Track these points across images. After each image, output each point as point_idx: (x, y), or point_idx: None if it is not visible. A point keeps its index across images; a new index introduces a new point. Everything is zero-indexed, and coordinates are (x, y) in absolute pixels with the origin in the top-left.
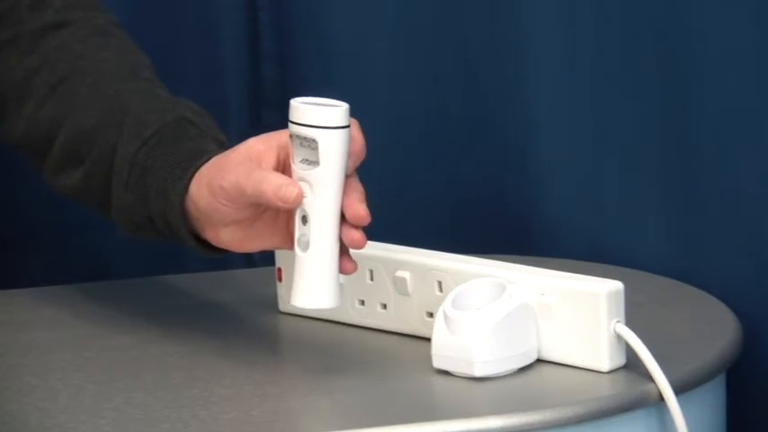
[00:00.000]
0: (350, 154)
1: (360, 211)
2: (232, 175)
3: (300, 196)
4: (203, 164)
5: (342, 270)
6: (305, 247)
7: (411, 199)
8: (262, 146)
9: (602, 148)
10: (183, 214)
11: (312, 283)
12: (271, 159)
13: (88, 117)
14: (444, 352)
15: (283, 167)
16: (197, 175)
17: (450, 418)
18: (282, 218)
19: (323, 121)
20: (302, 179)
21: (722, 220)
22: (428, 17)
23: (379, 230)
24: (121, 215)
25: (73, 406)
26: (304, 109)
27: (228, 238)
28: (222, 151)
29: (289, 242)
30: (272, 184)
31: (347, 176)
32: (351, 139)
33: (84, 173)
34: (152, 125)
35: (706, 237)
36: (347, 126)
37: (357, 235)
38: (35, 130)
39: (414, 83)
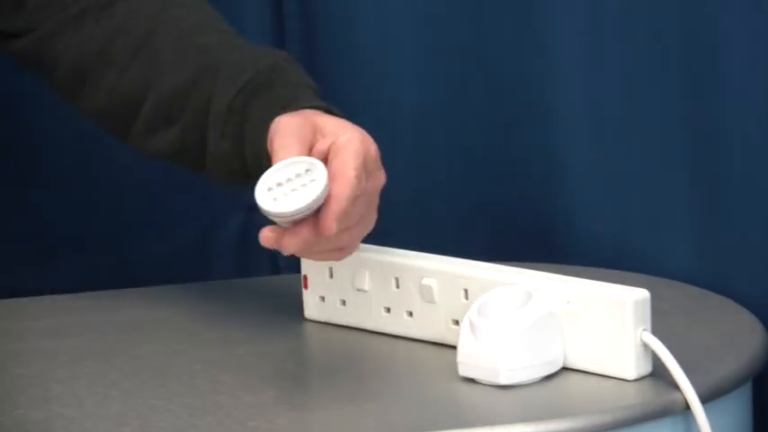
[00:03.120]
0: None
1: (326, 222)
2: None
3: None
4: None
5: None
6: None
7: (435, 206)
8: (307, 132)
9: (628, 154)
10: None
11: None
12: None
13: (177, 76)
14: (470, 360)
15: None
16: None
17: (476, 426)
18: None
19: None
20: None
21: (749, 228)
22: (453, 27)
23: (403, 238)
24: (217, 164)
25: (98, 413)
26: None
27: None
28: (316, 99)
29: None
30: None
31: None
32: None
33: (180, 130)
34: (246, 73)
35: (732, 245)
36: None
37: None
38: (118, 97)
39: (440, 91)
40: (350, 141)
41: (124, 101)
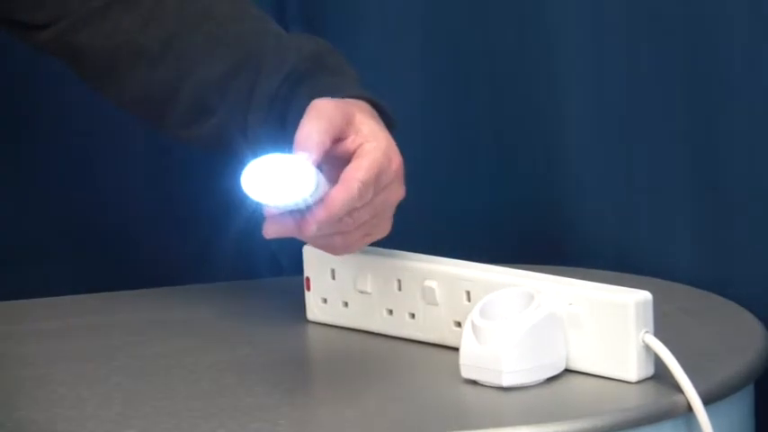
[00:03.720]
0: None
1: (307, 224)
2: None
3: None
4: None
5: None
6: None
7: (437, 208)
8: (338, 120)
9: (632, 158)
10: None
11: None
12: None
13: (213, 67)
14: (472, 362)
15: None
16: None
17: (479, 428)
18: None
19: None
20: None
21: (752, 231)
22: (456, 28)
23: (407, 240)
24: (257, 150)
25: (100, 415)
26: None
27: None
28: (359, 88)
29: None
30: None
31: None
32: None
33: (219, 120)
34: (290, 60)
35: (735, 247)
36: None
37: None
38: (151, 87)
39: (444, 96)
40: (373, 150)
41: (157, 92)
